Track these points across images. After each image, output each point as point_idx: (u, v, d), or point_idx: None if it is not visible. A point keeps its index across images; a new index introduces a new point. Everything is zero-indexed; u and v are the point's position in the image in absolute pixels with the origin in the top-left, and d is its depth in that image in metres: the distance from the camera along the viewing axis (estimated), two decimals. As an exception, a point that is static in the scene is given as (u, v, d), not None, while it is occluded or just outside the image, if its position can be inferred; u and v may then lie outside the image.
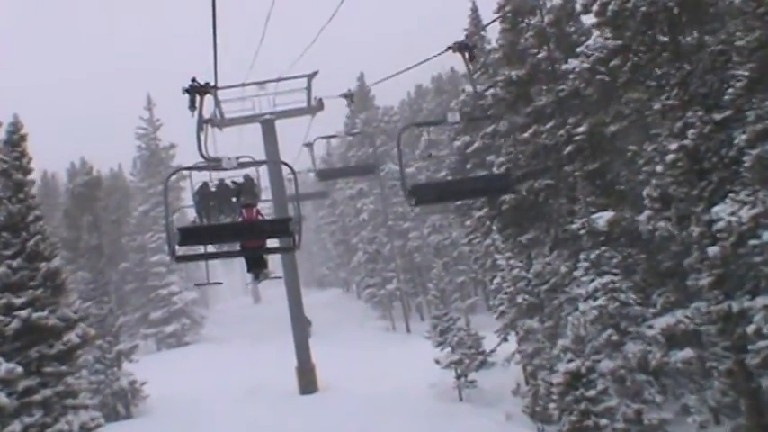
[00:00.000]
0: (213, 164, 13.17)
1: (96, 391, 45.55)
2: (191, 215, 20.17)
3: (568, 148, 29.56)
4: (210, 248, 16.21)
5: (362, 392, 43.12)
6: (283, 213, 40.25)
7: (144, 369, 48.31)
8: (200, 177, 19.88)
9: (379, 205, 68.56)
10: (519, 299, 36.38)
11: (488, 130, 37.61)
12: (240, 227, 14.88)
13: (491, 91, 33.22)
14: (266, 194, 30.65)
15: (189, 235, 12.59)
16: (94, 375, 45.68)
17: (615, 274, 27.62)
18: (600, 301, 27.32)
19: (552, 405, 31.17)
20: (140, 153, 79.05)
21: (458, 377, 41.11)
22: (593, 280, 27.83)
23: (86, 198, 51.68)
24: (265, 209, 22.56)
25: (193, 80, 12.68)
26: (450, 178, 39.25)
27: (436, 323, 42.02)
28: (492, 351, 42.09)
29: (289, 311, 48.27)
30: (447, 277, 45.30)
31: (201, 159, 13.29)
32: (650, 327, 27.41)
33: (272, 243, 14.89)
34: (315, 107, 43.92)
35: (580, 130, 29.58)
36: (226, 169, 13.25)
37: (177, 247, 12.44)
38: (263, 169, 28.07)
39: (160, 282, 72.84)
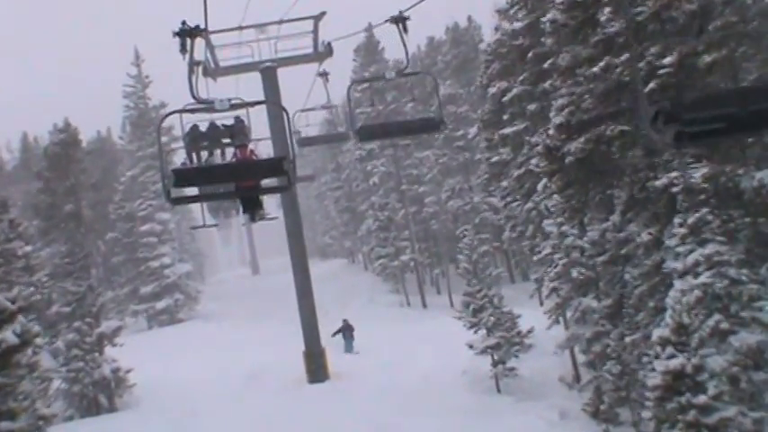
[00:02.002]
0: (205, 105, 13.13)
1: (74, 381, 39.79)
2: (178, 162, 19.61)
3: (651, 85, 23.24)
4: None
5: (380, 381, 37.43)
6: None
7: (131, 352, 42.36)
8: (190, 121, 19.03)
9: (391, 168, 62.24)
10: (573, 273, 30.26)
11: (545, 65, 31.22)
12: (235, 167, 14.98)
13: (549, 15, 26.84)
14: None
15: (183, 176, 12.45)
16: (69, 364, 39.85)
17: (721, 243, 21.50)
18: (703, 278, 21.20)
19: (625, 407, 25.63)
20: (128, 113, 72.62)
21: (494, 364, 35.09)
22: (692, 251, 21.70)
23: (63, 159, 45.25)
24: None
25: (183, 23, 12.77)
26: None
27: (468, 301, 35.91)
28: (529, 332, 36.19)
29: (294, 285, 42.40)
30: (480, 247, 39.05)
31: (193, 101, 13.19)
32: (760, 310, 21.40)
33: (266, 184, 14.71)
34: (323, 53, 38.31)
35: (666, 61, 23.25)
36: (218, 111, 13.15)
37: (172, 189, 12.12)
38: (255, 113, 23.89)
39: (151, 253, 66.67)
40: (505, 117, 36.10)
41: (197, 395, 39.06)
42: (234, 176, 13.70)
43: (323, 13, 38.54)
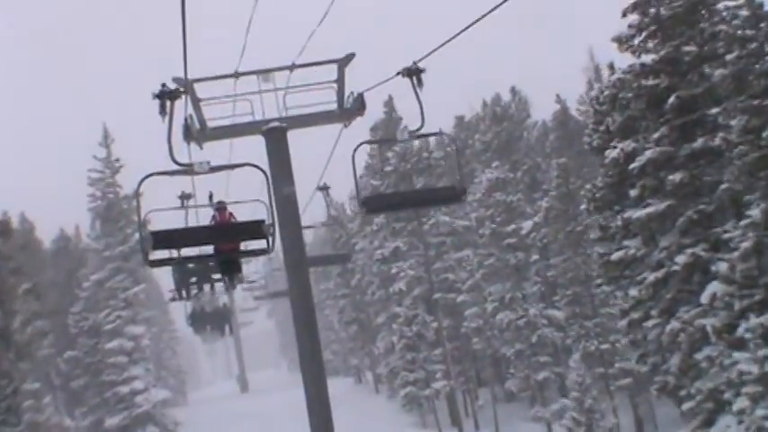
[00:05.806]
0: (185, 168, 13.04)
1: None
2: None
3: None
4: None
5: None
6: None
7: None
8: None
9: (420, 271, 49.93)
10: None
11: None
12: (214, 229, 15.30)
13: None
14: None
15: (162, 239, 12.90)
16: None
17: None
18: None
19: None
20: (95, 204, 60.21)
21: None
22: None
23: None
24: None
25: (163, 85, 12.55)
26: None
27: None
28: None
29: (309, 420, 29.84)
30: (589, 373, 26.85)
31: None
32: None
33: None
34: (351, 109, 26.87)
35: None
36: (198, 173, 13.17)
37: (150, 252, 12.50)
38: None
39: (119, 376, 53.81)
40: (633, 193, 24.44)
41: None
42: (213, 239, 14.18)
43: (351, 56, 27.19)
